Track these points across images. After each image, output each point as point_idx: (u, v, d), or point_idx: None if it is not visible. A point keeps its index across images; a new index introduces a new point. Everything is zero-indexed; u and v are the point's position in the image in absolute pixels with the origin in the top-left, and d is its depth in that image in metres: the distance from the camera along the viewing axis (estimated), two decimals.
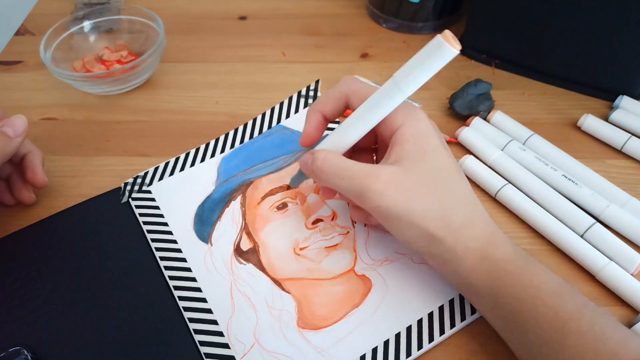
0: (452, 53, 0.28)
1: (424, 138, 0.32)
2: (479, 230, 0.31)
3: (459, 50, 0.28)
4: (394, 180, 0.31)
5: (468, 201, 0.32)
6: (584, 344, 0.27)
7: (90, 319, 0.36)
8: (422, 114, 0.33)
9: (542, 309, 0.29)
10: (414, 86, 0.30)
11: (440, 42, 0.28)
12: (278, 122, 0.47)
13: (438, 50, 0.28)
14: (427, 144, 0.32)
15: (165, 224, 0.40)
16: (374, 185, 0.30)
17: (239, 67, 0.55)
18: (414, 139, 0.32)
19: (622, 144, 0.44)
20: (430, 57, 0.29)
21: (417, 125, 0.32)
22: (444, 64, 0.29)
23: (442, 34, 0.28)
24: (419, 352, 0.33)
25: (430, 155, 0.32)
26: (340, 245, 0.38)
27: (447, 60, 0.29)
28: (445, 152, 0.33)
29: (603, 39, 0.45)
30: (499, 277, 0.30)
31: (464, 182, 0.33)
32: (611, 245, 0.37)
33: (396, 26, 0.58)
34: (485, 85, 0.48)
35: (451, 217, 0.31)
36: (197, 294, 0.36)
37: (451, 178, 0.32)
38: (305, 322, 0.35)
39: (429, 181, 0.31)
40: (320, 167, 0.33)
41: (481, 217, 0.32)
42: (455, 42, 0.28)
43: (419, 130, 0.32)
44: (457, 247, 0.31)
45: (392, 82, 0.31)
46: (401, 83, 0.30)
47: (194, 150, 0.46)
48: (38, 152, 0.42)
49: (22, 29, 0.61)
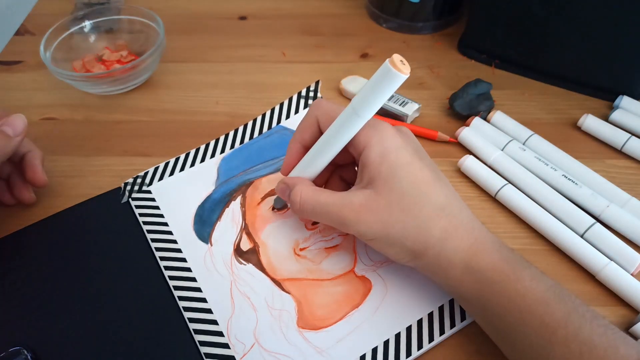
0: (400, 78, 0.29)
1: (392, 155, 0.32)
2: (461, 241, 0.31)
3: (408, 74, 0.29)
4: (367, 205, 0.31)
5: (445, 212, 0.31)
6: (571, 352, 0.27)
7: (90, 319, 0.36)
8: (389, 131, 0.33)
9: (528, 318, 0.28)
10: (370, 111, 0.31)
11: (387, 68, 0.29)
12: (278, 122, 0.47)
13: (387, 76, 0.29)
14: (396, 161, 0.32)
15: (165, 224, 0.40)
16: (349, 216, 0.32)
17: (239, 67, 0.55)
18: (381, 158, 0.32)
19: (622, 144, 0.44)
20: (381, 83, 0.30)
21: (382, 144, 0.32)
22: (395, 88, 0.30)
23: (390, 58, 0.29)
24: (419, 352, 0.33)
25: (400, 171, 0.31)
26: (340, 246, 0.38)
27: (397, 84, 0.30)
28: (418, 165, 0.32)
29: (603, 39, 0.45)
30: (485, 287, 0.30)
31: (442, 192, 0.32)
32: (611, 245, 0.37)
33: (396, 26, 0.58)
34: (485, 85, 0.48)
35: (429, 232, 0.31)
36: (197, 294, 0.36)
37: (424, 192, 0.31)
38: (305, 322, 0.35)
39: (401, 199, 0.31)
40: (298, 205, 0.34)
41: (462, 227, 0.32)
42: (403, 67, 0.29)
43: (384, 149, 0.32)
44: (440, 260, 0.31)
45: (350, 108, 0.32)
46: (358, 109, 0.31)
47: (194, 150, 0.46)
48: (38, 151, 0.42)
49: (22, 29, 0.61)
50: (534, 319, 0.28)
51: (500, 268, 0.30)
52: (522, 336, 0.29)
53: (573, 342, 0.27)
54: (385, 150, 0.32)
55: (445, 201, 0.32)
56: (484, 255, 0.31)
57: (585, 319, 0.28)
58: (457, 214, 0.32)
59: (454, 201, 0.32)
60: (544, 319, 0.28)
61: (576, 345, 0.27)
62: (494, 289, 0.30)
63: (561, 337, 0.27)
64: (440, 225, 0.31)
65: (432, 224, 0.31)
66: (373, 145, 0.32)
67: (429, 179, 0.32)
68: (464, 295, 0.31)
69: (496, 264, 0.30)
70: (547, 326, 0.28)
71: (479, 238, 0.31)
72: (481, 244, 0.31)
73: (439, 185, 0.32)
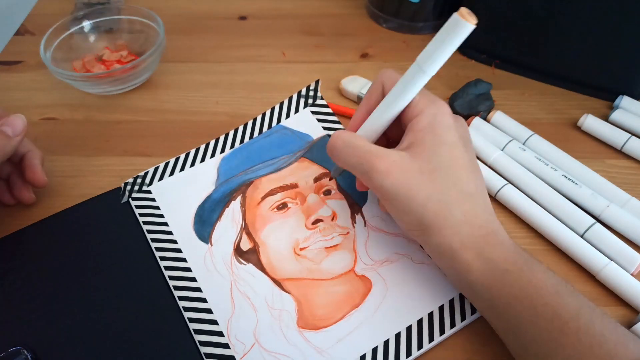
0: (468, 28, 0.29)
1: (440, 130, 0.32)
2: (478, 229, 0.31)
3: (475, 24, 0.29)
4: (400, 164, 0.32)
5: (472, 200, 0.32)
6: (581, 344, 0.27)
7: (90, 319, 0.36)
8: (445, 108, 0.34)
9: (540, 309, 0.29)
10: (435, 66, 0.31)
11: (456, 19, 0.29)
12: (278, 122, 0.47)
13: (455, 27, 0.30)
14: (441, 137, 0.32)
15: (165, 224, 0.40)
16: (379, 165, 0.32)
17: (239, 67, 0.55)
18: (429, 128, 0.32)
19: (622, 144, 0.44)
20: (448, 36, 0.30)
21: (435, 116, 0.33)
22: (462, 39, 0.30)
23: (458, 11, 0.29)
24: (419, 352, 0.33)
25: (442, 148, 0.32)
26: (340, 245, 0.38)
27: (465, 35, 0.30)
28: (460, 149, 0.33)
29: (603, 39, 0.45)
30: (497, 276, 0.30)
31: (472, 180, 0.33)
32: (611, 245, 0.37)
33: (396, 26, 0.58)
34: (485, 85, 0.48)
35: (450, 210, 0.31)
36: (197, 294, 0.36)
37: (458, 174, 0.32)
38: (306, 322, 0.35)
39: (434, 172, 0.31)
40: (333, 144, 0.35)
41: (483, 218, 0.32)
42: (471, 17, 0.29)
43: (435, 122, 0.33)
44: (453, 241, 0.31)
45: (415, 65, 0.32)
46: (423, 65, 0.31)
47: (194, 150, 0.46)
48: (37, 151, 0.42)
49: (22, 29, 0.61)
50: (547, 309, 0.28)
51: (513, 260, 0.30)
52: (533, 326, 0.29)
53: (584, 335, 0.27)
54: (436, 123, 0.33)
55: (474, 190, 0.32)
56: (498, 247, 0.31)
57: (596, 313, 0.28)
58: (481, 204, 0.32)
59: (482, 193, 0.33)
60: (556, 309, 0.28)
61: (587, 338, 0.27)
62: (505, 279, 0.30)
63: (573, 328, 0.28)
64: (463, 208, 0.31)
65: (456, 205, 0.31)
66: (426, 114, 0.33)
67: (467, 165, 0.32)
68: (471, 283, 0.31)
69: (509, 256, 0.31)
70: (560, 317, 0.28)
71: (495, 231, 0.32)
72: (497, 236, 0.32)
73: (473, 174, 0.33)
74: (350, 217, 0.40)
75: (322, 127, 0.46)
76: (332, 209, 0.40)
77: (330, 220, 0.40)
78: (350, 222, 0.40)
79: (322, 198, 0.41)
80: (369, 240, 0.39)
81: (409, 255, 0.37)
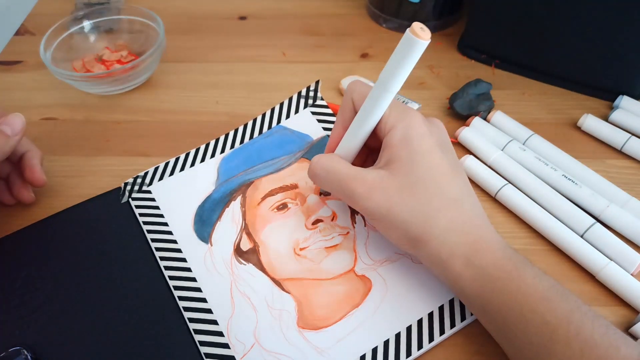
0: (421, 45, 0.30)
1: (414, 141, 0.32)
2: (466, 236, 0.31)
3: (429, 39, 0.29)
4: (379, 184, 0.32)
5: (456, 205, 0.32)
6: (571, 350, 0.27)
7: (90, 319, 0.36)
8: (416, 117, 0.33)
9: (529, 316, 0.28)
10: (397, 84, 0.32)
11: (409, 37, 0.30)
12: (278, 122, 0.47)
13: (409, 45, 0.30)
14: (417, 148, 0.32)
15: (165, 224, 0.40)
16: (359, 189, 0.32)
17: (239, 67, 0.55)
18: (404, 142, 0.32)
19: (622, 144, 0.44)
20: (404, 54, 0.30)
21: (408, 128, 0.33)
22: (418, 56, 0.30)
23: (409, 27, 0.29)
24: (419, 352, 0.33)
25: (419, 158, 0.32)
26: (340, 245, 0.38)
27: (420, 52, 0.30)
28: (438, 155, 0.32)
29: (603, 39, 0.45)
30: (486, 283, 0.30)
31: (456, 185, 0.32)
32: (611, 245, 0.37)
33: (396, 26, 0.58)
34: (485, 85, 0.48)
35: (435, 220, 0.31)
36: (197, 294, 0.36)
37: (438, 182, 0.32)
38: (305, 322, 0.35)
39: (414, 185, 0.31)
40: (313, 171, 0.35)
41: (471, 222, 0.32)
42: (423, 33, 0.29)
43: (408, 134, 0.32)
44: (441, 251, 0.31)
45: (378, 83, 0.32)
46: (386, 83, 0.32)
47: (194, 150, 0.46)
48: (37, 150, 0.42)
49: (22, 29, 0.61)
50: (535, 316, 0.28)
51: (502, 266, 0.30)
52: (523, 334, 0.29)
53: (574, 341, 0.27)
54: (409, 135, 0.32)
55: (458, 194, 0.32)
56: (487, 253, 0.31)
57: (587, 317, 0.28)
58: (467, 209, 0.32)
59: (467, 196, 0.33)
60: (545, 316, 0.28)
61: (577, 344, 0.27)
62: (495, 286, 0.30)
63: (563, 335, 0.27)
64: (448, 216, 0.31)
65: (440, 214, 0.31)
66: (399, 128, 0.33)
67: (446, 171, 0.32)
68: (463, 290, 0.31)
69: (498, 261, 0.30)
70: (549, 324, 0.28)
71: (484, 236, 0.32)
72: (485, 242, 0.31)
73: (454, 178, 0.32)
74: (350, 217, 0.40)
75: (322, 128, 0.46)
76: (332, 209, 0.40)
77: (330, 220, 0.40)
78: (350, 222, 0.40)
79: (322, 198, 0.41)
80: (369, 240, 0.39)
81: (408, 255, 0.37)
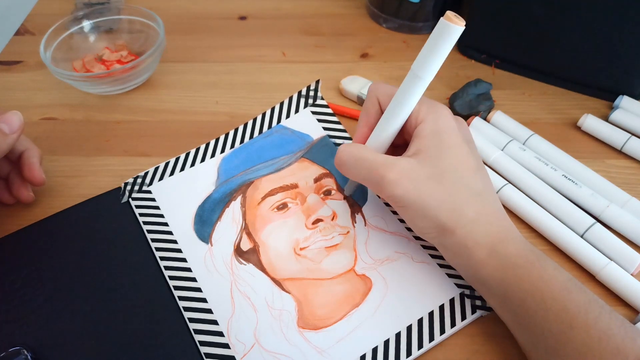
0: (457, 31, 0.30)
1: (444, 134, 0.33)
2: (491, 226, 0.32)
3: (464, 26, 0.30)
4: (408, 171, 0.32)
5: (481, 198, 0.33)
6: (590, 337, 0.28)
7: (90, 319, 0.36)
8: (446, 112, 0.35)
9: (550, 303, 0.29)
10: (431, 72, 0.32)
11: (444, 23, 0.30)
12: (278, 122, 0.47)
13: (444, 32, 0.30)
14: (446, 141, 0.33)
15: (165, 224, 0.40)
16: (389, 175, 0.32)
17: (239, 67, 0.55)
18: (434, 134, 0.33)
19: (622, 144, 0.44)
20: (439, 40, 0.31)
21: (438, 121, 0.34)
22: (453, 43, 0.31)
23: (444, 15, 0.30)
24: (419, 351, 0.33)
25: (448, 151, 0.33)
26: (341, 245, 0.38)
27: (455, 38, 0.31)
28: (465, 150, 0.34)
29: (603, 39, 0.45)
30: (509, 271, 0.31)
31: (480, 180, 0.33)
32: (611, 245, 0.37)
33: (396, 26, 0.58)
34: (485, 85, 0.48)
35: (462, 211, 0.32)
36: (197, 294, 0.36)
37: (465, 175, 0.33)
38: (306, 322, 0.35)
39: (442, 175, 0.32)
40: (341, 158, 0.35)
41: (494, 215, 0.33)
42: (458, 20, 0.30)
43: (439, 127, 0.34)
44: (467, 241, 0.32)
45: (411, 73, 0.33)
46: (419, 72, 0.32)
47: (194, 150, 0.46)
48: (36, 149, 0.41)
49: (22, 29, 0.61)
50: (556, 303, 0.29)
51: (525, 255, 0.31)
52: (543, 320, 0.29)
53: (593, 329, 0.28)
54: (439, 128, 0.34)
55: (482, 189, 0.33)
56: (511, 243, 0.32)
57: (604, 309, 0.29)
58: (490, 202, 0.33)
59: (490, 191, 0.34)
60: (565, 304, 0.29)
61: (596, 332, 0.28)
62: (517, 273, 0.30)
63: (582, 322, 0.28)
64: (474, 208, 0.32)
65: (467, 205, 0.32)
66: (429, 121, 0.34)
67: (472, 166, 0.33)
68: (485, 279, 0.32)
69: (521, 251, 0.31)
70: (569, 311, 0.29)
71: (507, 227, 0.33)
72: (509, 232, 0.32)
73: (479, 174, 0.34)
74: (350, 217, 0.40)
75: (322, 128, 0.46)
76: (332, 209, 0.40)
77: (331, 220, 0.40)
78: (350, 221, 0.40)
79: (322, 198, 0.41)
80: (369, 239, 0.39)
81: (409, 254, 0.37)
